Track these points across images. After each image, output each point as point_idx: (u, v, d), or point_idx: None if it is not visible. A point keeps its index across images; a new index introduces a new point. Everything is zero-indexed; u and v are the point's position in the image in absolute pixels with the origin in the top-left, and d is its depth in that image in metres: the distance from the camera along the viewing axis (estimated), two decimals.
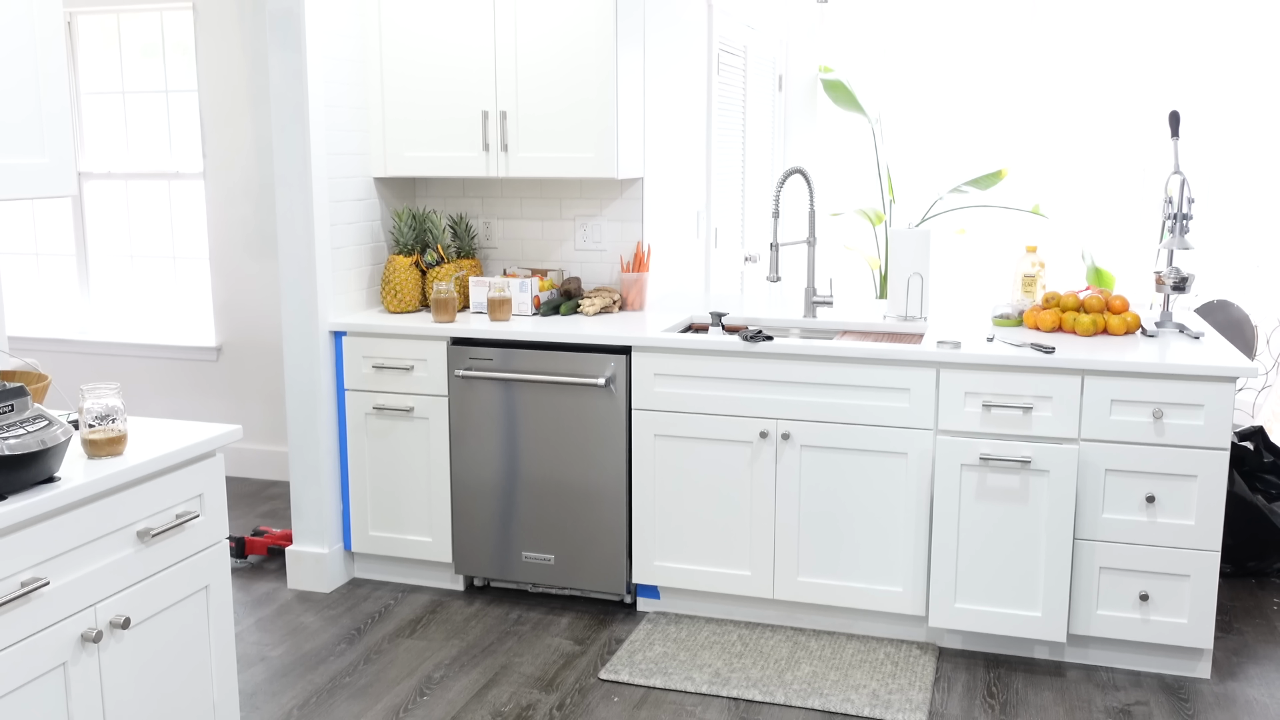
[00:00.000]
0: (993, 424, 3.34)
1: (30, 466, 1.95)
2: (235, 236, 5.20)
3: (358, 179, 4.08)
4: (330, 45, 3.88)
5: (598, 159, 3.85)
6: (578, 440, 3.74)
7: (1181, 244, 3.57)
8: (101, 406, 2.17)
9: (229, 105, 5.10)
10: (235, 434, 2.42)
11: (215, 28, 5.06)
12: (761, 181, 6.04)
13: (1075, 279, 6.22)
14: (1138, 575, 3.30)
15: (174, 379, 5.43)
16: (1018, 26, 6.19)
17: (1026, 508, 3.32)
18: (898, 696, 3.23)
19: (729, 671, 3.39)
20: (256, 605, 3.91)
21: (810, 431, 3.51)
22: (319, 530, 4.01)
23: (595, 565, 3.80)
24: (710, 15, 4.90)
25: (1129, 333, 3.60)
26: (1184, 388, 3.18)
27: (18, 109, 2.18)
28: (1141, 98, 6.03)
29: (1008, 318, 3.77)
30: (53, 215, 5.66)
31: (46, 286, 5.74)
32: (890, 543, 3.50)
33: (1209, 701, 3.23)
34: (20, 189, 2.19)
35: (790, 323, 3.97)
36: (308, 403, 3.95)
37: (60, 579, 2.03)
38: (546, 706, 3.20)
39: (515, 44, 3.88)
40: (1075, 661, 3.46)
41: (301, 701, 3.24)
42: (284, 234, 3.88)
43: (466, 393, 3.83)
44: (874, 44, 6.46)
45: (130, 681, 2.21)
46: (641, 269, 4.13)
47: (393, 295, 4.04)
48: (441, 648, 3.58)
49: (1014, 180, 6.29)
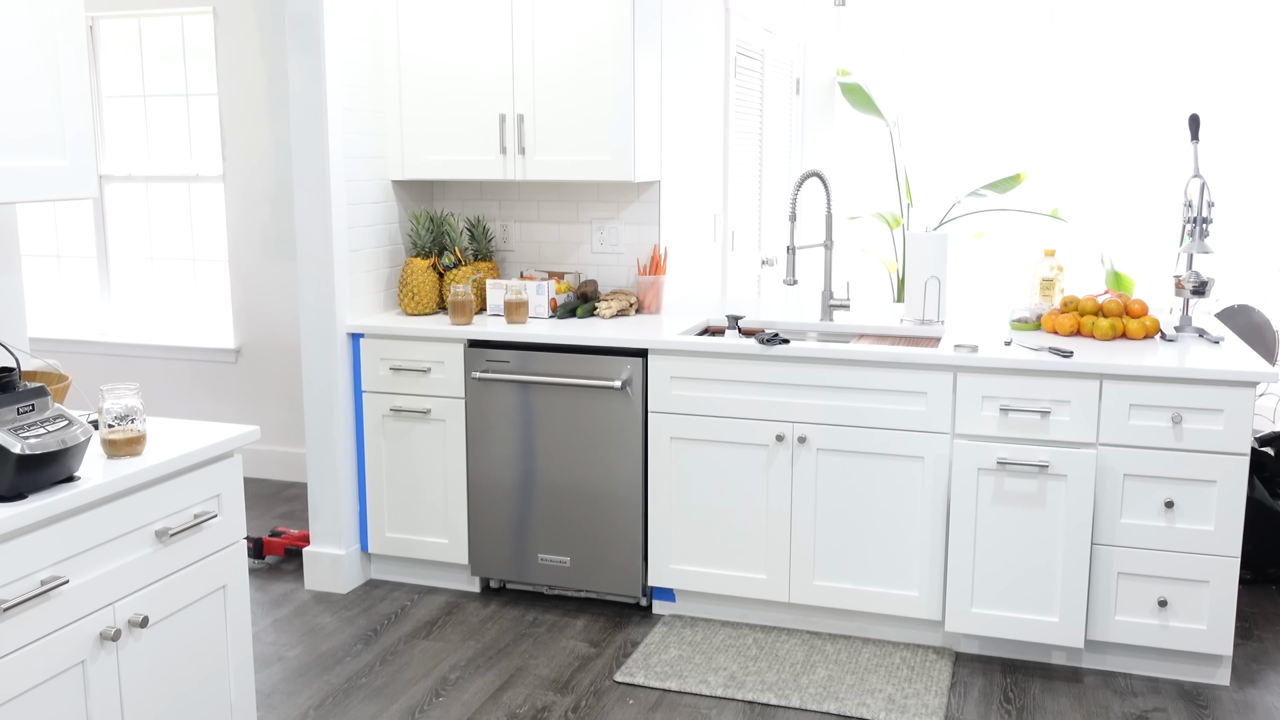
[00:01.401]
0: (1010, 428, 3.33)
1: (50, 466, 1.96)
2: (254, 239, 5.23)
3: (375, 182, 4.09)
4: (349, 49, 3.90)
5: (614, 162, 3.86)
6: (594, 443, 3.74)
7: (1201, 248, 3.55)
8: (121, 407, 2.18)
9: (248, 109, 5.13)
10: (253, 435, 2.44)
11: (235, 32, 5.09)
12: (778, 185, 6.03)
13: (1094, 283, 6.19)
14: (1156, 581, 3.28)
15: (193, 380, 5.46)
16: (1036, 29, 6.17)
17: (1044, 512, 3.31)
18: (914, 701, 3.22)
19: (744, 675, 3.38)
20: (274, 605, 3.92)
21: (827, 435, 3.50)
22: (336, 531, 4.03)
23: (611, 568, 3.80)
24: (727, 19, 4.91)
25: (1148, 337, 3.58)
26: (1203, 392, 3.16)
27: (39, 113, 2.20)
28: (1161, 101, 6.00)
29: (1025, 321, 3.76)
30: (74, 218, 5.70)
31: (68, 288, 5.79)
32: (906, 547, 3.49)
33: (1228, 709, 3.20)
34: (42, 192, 2.21)
35: (807, 326, 3.97)
36: (325, 404, 3.96)
37: (79, 578, 2.04)
38: (562, 709, 3.21)
39: (532, 48, 3.89)
40: (1093, 667, 3.44)
41: (318, 702, 3.25)
42: (302, 236, 3.90)
43: (483, 395, 3.84)
44: (891, 47, 6.45)
45: (148, 680, 2.22)
46: (658, 272, 4.13)
47: (410, 297, 4.06)
48: (457, 649, 3.59)
49: (1032, 184, 6.27)
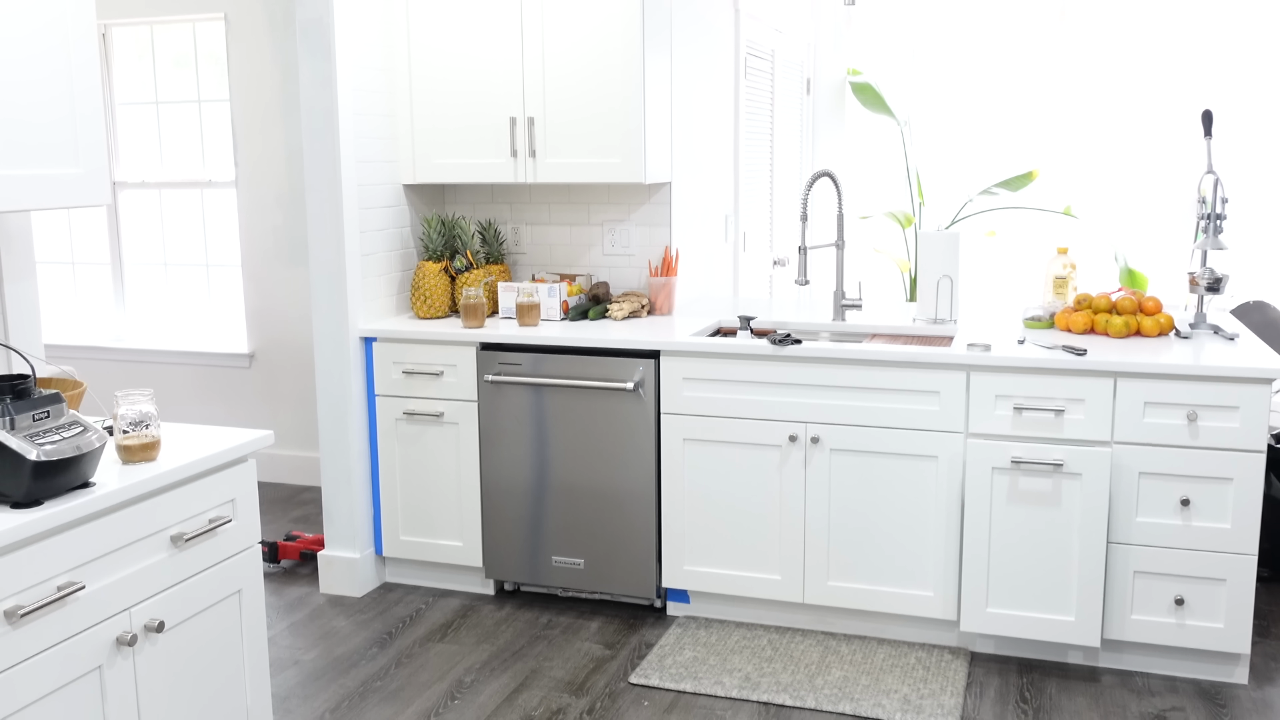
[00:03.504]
0: (1024, 427, 3.32)
1: (66, 472, 1.97)
2: (267, 244, 5.25)
3: (387, 186, 4.10)
4: (359, 53, 3.91)
5: (625, 164, 3.86)
6: (607, 444, 3.74)
7: (1215, 244, 3.53)
8: (136, 413, 2.19)
9: (260, 114, 5.15)
10: (267, 439, 2.45)
11: (246, 37, 5.11)
12: (790, 185, 6.02)
13: (1108, 280, 6.17)
14: (1173, 579, 3.26)
15: (207, 385, 5.48)
16: (1048, 26, 6.15)
17: (1059, 511, 3.30)
18: (929, 701, 3.21)
19: (759, 676, 3.38)
20: (289, 609, 3.94)
21: (840, 435, 3.49)
22: (350, 535, 4.04)
23: (625, 569, 3.80)
24: (737, 19, 4.90)
25: (1162, 334, 3.56)
26: (1219, 390, 3.14)
27: (53, 120, 2.21)
28: (1173, 97, 5.97)
29: (1039, 320, 3.74)
30: (88, 225, 5.74)
31: (82, 295, 5.82)
32: (921, 547, 3.48)
33: (1246, 707, 3.18)
34: (56, 199, 2.22)
35: (819, 326, 3.96)
36: (339, 408, 3.97)
37: (96, 583, 2.05)
38: (577, 710, 3.21)
39: (542, 50, 3.90)
40: (1110, 666, 3.43)
41: (334, 705, 3.26)
42: (315, 241, 3.91)
43: (496, 398, 3.85)
44: (902, 46, 6.43)
45: (164, 684, 2.23)
46: (670, 273, 4.13)
47: (422, 301, 4.07)
48: (472, 652, 3.59)
49: (1045, 181, 6.24)
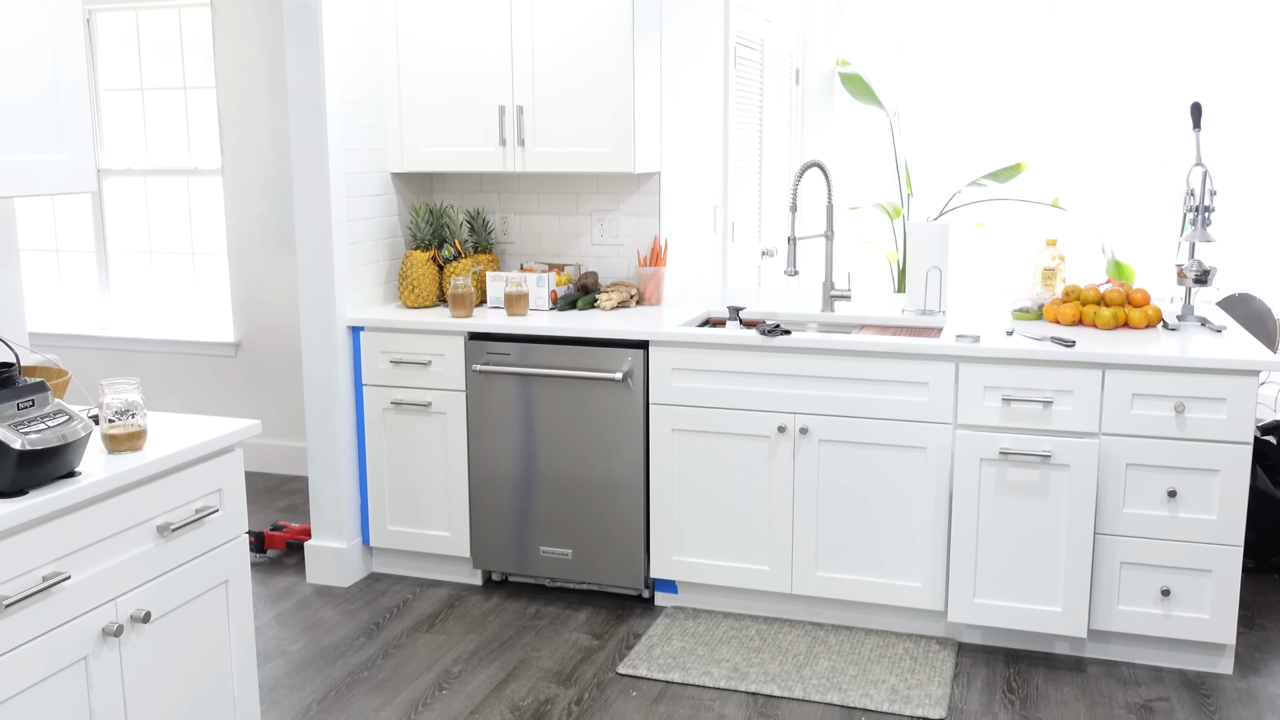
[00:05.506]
0: (1012, 418, 3.32)
1: (51, 461, 1.96)
2: (253, 232, 5.22)
3: (375, 174, 4.08)
4: (347, 40, 3.88)
5: (614, 153, 3.84)
6: (595, 435, 3.74)
7: (1203, 237, 3.54)
8: (121, 402, 2.18)
9: (247, 102, 5.11)
10: (254, 429, 2.43)
11: (233, 24, 5.07)
12: (779, 175, 6.02)
13: (1095, 272, 6.18)
14: (1159, 570, 3.28)
15: (193, 374, 5.46)
16: (1037, 17, 6.15)
17: (1047, 502, 3.31)
18: (917, 691, 3.22)
19: (747, 666, 3.38)
20: (276, 600, 3.92)
21: (828, 426, 3.50)
22: (338, 525, 4.03)
23: (613, 560, 3.80)
24: (727, 9, 4.89)
25: (1150, 326, 3.57)
26: (1206, 381, 3.16)
27: (37, 106, 2.19)
28: (1162, 89, 5.98)
29: (1027, 311, 3.75)
30: (73, 212, 5.69)
31: (67, 283, 5.78)
32: (909, 537, 3.49)
33: (1231, 697, 3.20)
34: (40, 186, 2.20)
35: (808, 317, 3.96)
36: (326, 398, 3.96)
37: (81, 573, 2.04)
38: (565, 701, 3.21)
39: (532, 38, 3.88)
40: (1096, 657, 3.44)
41: (321, 695, 3.25)
42: (302, 230, 3.89)
43: (484, 387, 3.83)
44: (891, 37, 6.43)
45: (151, 675, 2.22)
46: (658, 263, 4.12)
47: (410, 290, 4.05)
48: (460, 642, 3.58)
49: (1033, 173, 6.25)
